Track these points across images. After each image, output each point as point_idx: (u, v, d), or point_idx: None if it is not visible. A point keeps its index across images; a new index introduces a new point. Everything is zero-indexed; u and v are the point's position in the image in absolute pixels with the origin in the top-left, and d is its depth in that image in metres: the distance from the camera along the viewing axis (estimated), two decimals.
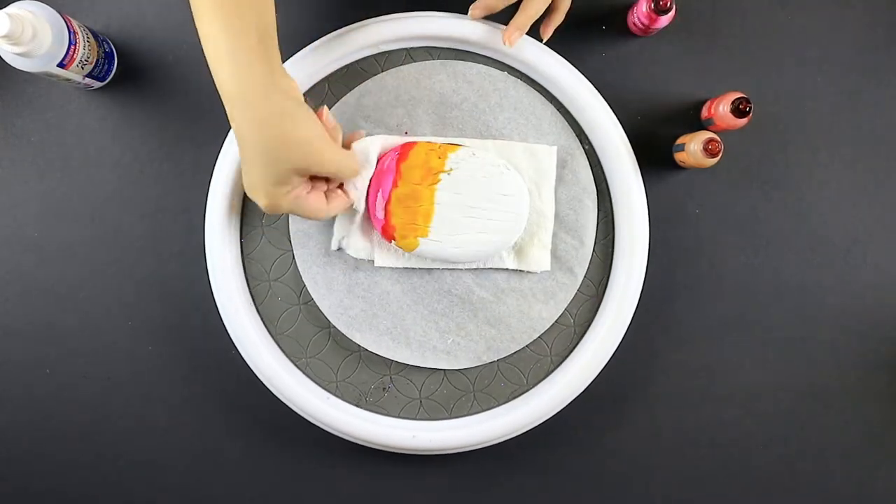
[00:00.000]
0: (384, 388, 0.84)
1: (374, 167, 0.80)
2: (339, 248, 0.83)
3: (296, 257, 0.83)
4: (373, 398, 0.84)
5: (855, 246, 0.87)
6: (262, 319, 0.84)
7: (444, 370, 0.84)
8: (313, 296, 0.83)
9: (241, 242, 0.84)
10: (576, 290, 0.84)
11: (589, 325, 0.85)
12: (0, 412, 0.86)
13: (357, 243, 0.82)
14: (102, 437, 0.87)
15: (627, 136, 0.84)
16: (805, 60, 0.87)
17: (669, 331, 0.87)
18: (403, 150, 0.80)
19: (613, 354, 0.85)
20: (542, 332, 0.84)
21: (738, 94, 0.79)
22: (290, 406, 0.83)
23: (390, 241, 0.81)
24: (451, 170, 0.80)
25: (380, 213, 0.80)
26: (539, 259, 0.83)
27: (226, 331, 0.85)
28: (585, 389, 0.84)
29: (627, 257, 0.83)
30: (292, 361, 0.84)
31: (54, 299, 0.86)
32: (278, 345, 0.84)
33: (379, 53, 0.84)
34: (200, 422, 0.87)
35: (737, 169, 0.87)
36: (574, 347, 0.85)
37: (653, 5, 0.80)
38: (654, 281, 0.86)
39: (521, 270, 0.84)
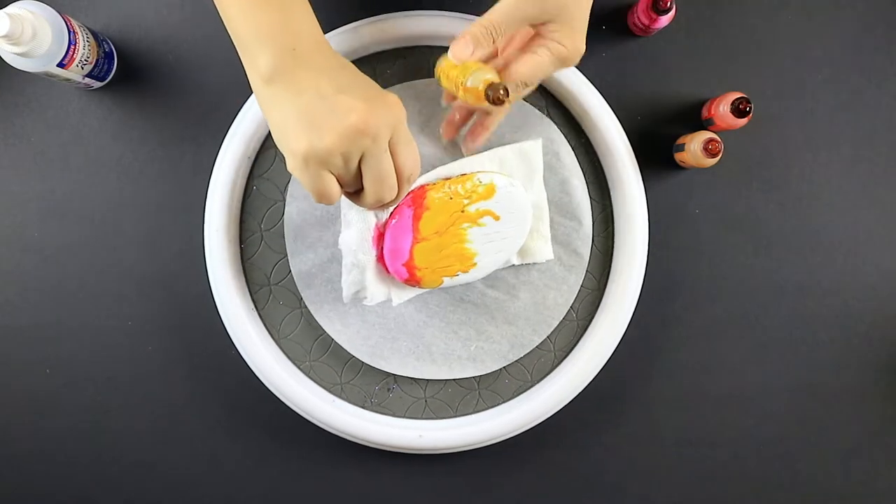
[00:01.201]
0: (389, 389, 0.84)
1: (374, 220, 0.80)
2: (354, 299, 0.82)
3: (304, 298, 0.84)
4: (378, 399, 0.84)
5: (855, 246, 0.87)
6: (264, 325, 0.84)
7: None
8: (330, 333, 0.84)
9: (241, 247, 0.84)
10: (585, 270, 0.84)
11: (591, 321, 0.85)
12: (0, 412, 0.86)
13: (375, 292, 0.81)
14: (102, 437, 0.87)
15: (627, 136, 0.84)
16: (805, 60, 0.87)
17: (669, 331, 0.87)
18: (416, 204, 0.79)
19: (613, 354, 0.85)
20: (562, 318, 0.84)
21: (738, 94, 0.79)
22: (296, 410, 0.83)
23: (415, 286, 0.81)
24: (469, 206, 0.80)
25: (401, 270, 0.79)
26: (541, 250, 0.83)
27: (226, 331, 0.85)
28: (585, 389, 0.84)
29: (627, 257, 0.83)
30: (296, 365, 0.84)
31: (54, 299, 0.86)
32: (282, 349, 0.84)
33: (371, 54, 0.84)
34: (200, 422, 0.87)
35: (737, 169, 0.87)
36: (577, 342, 0.85)
37: (653, 5, 0.80)
38: (654, 281, 0.86)
39: (527, 264, 0.84)
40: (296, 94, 0.65)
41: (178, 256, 0.86)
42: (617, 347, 0.84)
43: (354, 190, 0.69)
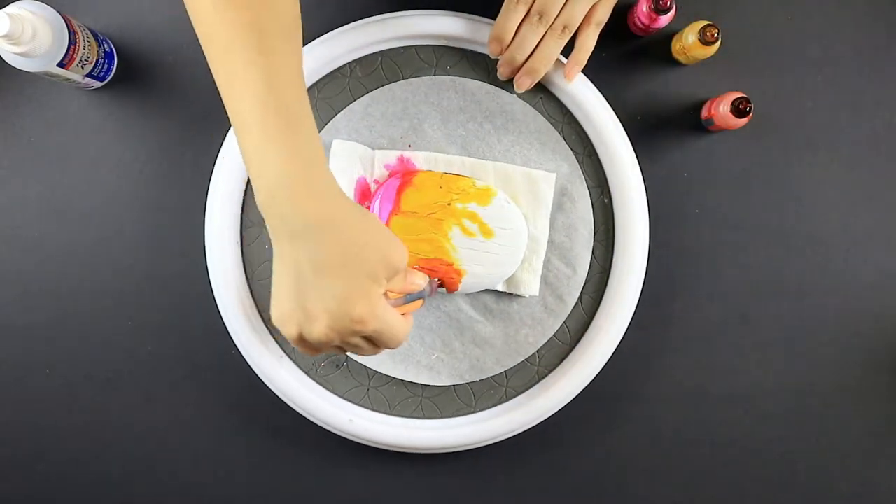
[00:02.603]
0: (337, 365, 0.84)
1: (361, 173, 0.82)
2: None
3: None
4: (324, 371, 0.84)
5: (855, 246, 0.87)
6: (265, 323, 0.84)
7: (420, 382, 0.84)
8: None
9: (242, 244, 0.84)
10: (564, 318, 0.84)
11: (553, 370, 0.84)
12: (0, 412, 0.86)
13: None
14: (102, 437, 0.87)
15: (627, 135, 0.84)
16: (805, 60, 0.87)
17: (669, 331, 0.87)
18: (404, 179, 0.80)
19: (613, 354, 0.85)
20: (527, 356, 0.84)
21: (739, 94, 0.79)
22: (291, 406, 0.83)
23: None
24: (456, 202, 0.80)
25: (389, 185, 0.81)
26: (528, 283, 0.83)
27: (226, 331, 0.85)
28: (585, 389, 0.84)
29: (628, 258, 0.83)
30: (290, 358, 0.84)
31: (54, 299, 0.86)
32: (277, 342, 0.84)
33: (407, 47, 0.84)
34: (200, 422, 0.87)
35: (737, 169, 0.87)
36: (532, 386, 0.84)
37: (653, 5, 0.80)
38: (654, 281, 0.86)
39: (510, 293, 0.84)
40: (276, 256, 0.63)
41: (178, 256, 0.86)
42: (617, 347, 0.84)
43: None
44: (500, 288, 0.83)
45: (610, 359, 0.84)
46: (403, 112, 0.83)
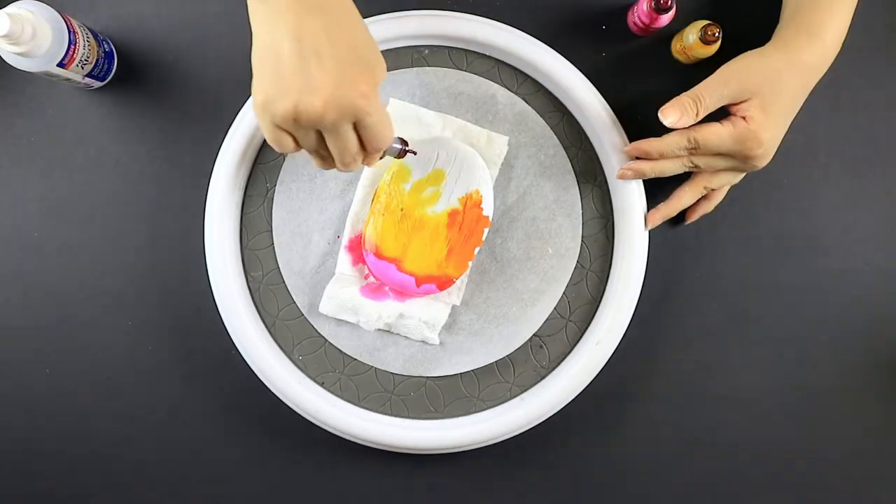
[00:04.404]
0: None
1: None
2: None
3: (298, 305, 0.84)
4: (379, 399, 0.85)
5: (855, 246, 0.87)
6: (264, 324, 0.84)
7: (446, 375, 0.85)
8: (327, 337, 0.84)
9: (242, 244, 0.84)
10: (576, 259, 0.84)
11: (588, 325, 0.85)
12: (0, 412, 0.86)
13: (370, 314, 0.84)
14: (102, 437, 0.87)
15: (627, 136, 0.84)
16: None
17: (669, 331, 0.87)
18: (374, 251, 0.82)
19: (613, 354, 0.85)
20: (551, 313, 0.84)
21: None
22: (296, 410, 0.83)
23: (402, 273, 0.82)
24: (424, 210, 0.81)
25: (373, 263, 0.82)
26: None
27: (226, 331, 0.85)
28: (586, 389, 0.84)
29: (627, 258, 0.83)
30: (295, 364, 0.84)
31: (54, 299, 0.86)
32: (281, 348, 0.84)
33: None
34: (200, 422, 0.87)
35: None
36: (576, 344, 0.85)
37: (653, 5, 0.80)
38: (654, 281, 0.86)
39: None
40: (275, 29, 0.61)
41: (178, 256, 0.86)
42: (617, 347, 0.84)
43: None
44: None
45: (610, 359, 0.84)
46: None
